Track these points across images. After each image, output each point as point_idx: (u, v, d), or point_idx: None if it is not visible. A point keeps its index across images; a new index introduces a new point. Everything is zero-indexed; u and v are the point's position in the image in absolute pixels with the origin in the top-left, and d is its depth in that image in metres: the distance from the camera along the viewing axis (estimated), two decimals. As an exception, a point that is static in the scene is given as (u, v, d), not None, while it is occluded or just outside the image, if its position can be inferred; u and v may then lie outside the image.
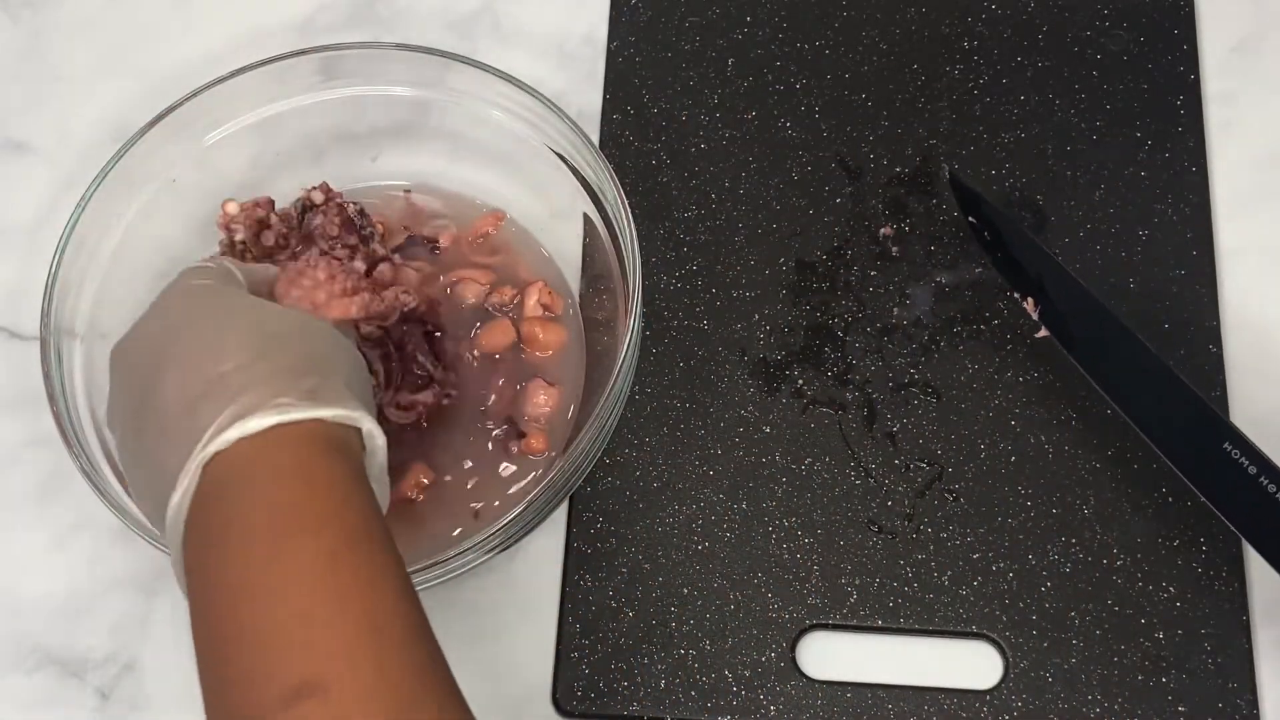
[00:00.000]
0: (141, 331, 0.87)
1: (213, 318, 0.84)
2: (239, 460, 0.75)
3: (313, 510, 0.74)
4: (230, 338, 0.81)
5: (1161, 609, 1.04)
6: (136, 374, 0.83)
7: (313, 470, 0.76)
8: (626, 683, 1.04)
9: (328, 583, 0.71)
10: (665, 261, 1.16)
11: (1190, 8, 1.24)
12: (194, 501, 0.75)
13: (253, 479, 0.74)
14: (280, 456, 0.75)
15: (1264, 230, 1.16)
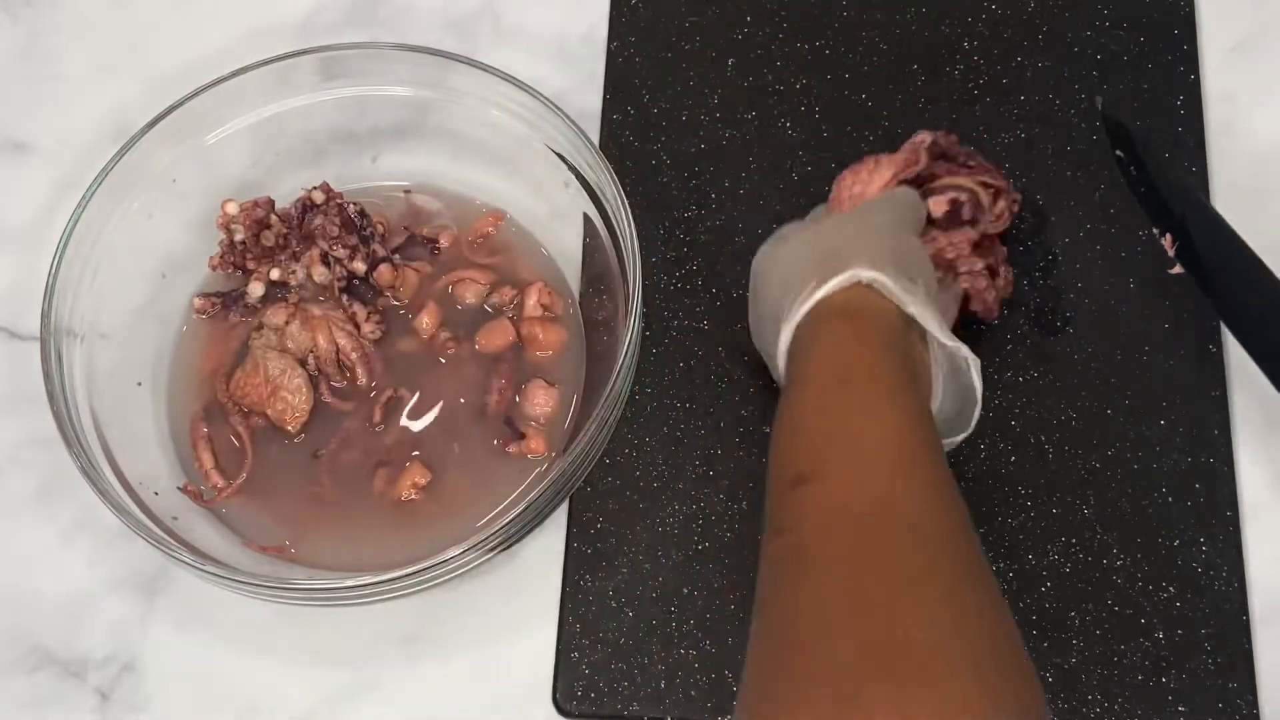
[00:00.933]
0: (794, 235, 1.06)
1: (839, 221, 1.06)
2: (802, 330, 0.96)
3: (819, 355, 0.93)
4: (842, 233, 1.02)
5: (1161, 609, 1.04)
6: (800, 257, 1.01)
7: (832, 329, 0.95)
8: (626, 682, 1.04)
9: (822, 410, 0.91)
10: (665, 261, 1.16)
11: (1190, 8, 1.24)
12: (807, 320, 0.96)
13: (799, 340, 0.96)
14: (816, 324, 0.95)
15: (1264, 230, 1.15)
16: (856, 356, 0.92)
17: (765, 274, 1.04)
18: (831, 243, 1.00)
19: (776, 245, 1.06)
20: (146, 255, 1.12)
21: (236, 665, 1.07)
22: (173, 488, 1.07)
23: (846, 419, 0.89)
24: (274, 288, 1.12)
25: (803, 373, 0.93)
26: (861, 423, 0.88)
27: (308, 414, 1.09)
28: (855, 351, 0.92)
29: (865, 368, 0.92)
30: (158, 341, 1.12)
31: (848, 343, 0.93)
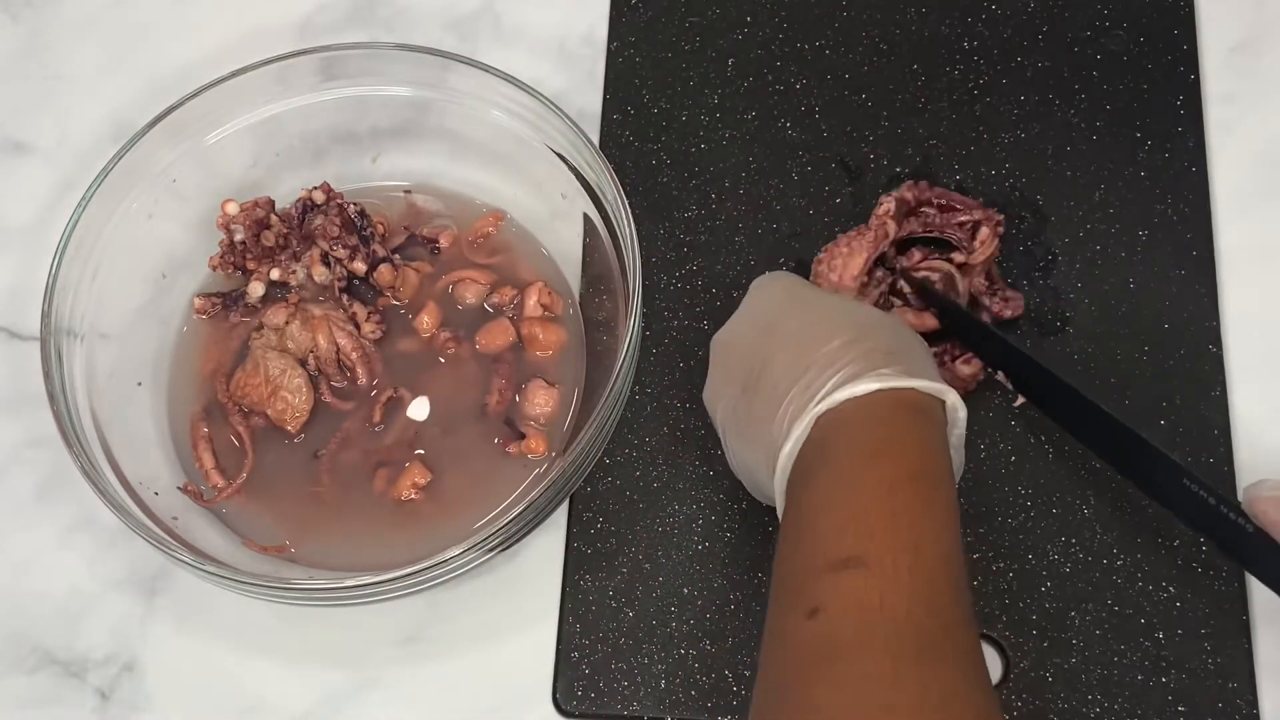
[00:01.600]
0: (743, 325, 1.03)
1: (813, 308, 1.00)
2: (841, 415, 0.90)
3: (882, 447, 0.88)
4: (833, 322, 0.96)
5: (1161, 609, 1.04)
6: (745, 358, 0.99)
7: (896, 420, 0.90)
8: (626, 682, 1.04)
9: (886, 498, 0.85)
10: (665, 262, 1.16)
11: (1190, 8, 1.24)
12: (800, 453, 0.91)
13: (849, 425, 0.90)
14: (874, 411, 0.90)
15: (1264, 230, 1.16)
16: (909, 443, 0.89)
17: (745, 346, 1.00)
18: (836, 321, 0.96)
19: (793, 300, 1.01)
20: (146, 255, 1.12)
21: (236, 665, 1.07)
22: (173, 488, 1.07)
23: (902, 507, 0.85)
24: (274, 288, 1.12)
25: (848, 445, 0.89)
26: (916, 514, 0.85)
27: (308, 414, 1.09)
28: (908, 438, 0.89)
29: (919, 455, 0.89)
30: (158, 341, 1.12)
31: (901, 428, 0.90)
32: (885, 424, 0.89)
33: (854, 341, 0.92)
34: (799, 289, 1.03)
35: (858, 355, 0.91)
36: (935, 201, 1.13)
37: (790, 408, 0.92)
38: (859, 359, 0.91)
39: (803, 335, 0.95)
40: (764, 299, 1.03)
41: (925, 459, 0.88)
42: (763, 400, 0.95)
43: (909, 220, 1.12)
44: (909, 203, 1.12)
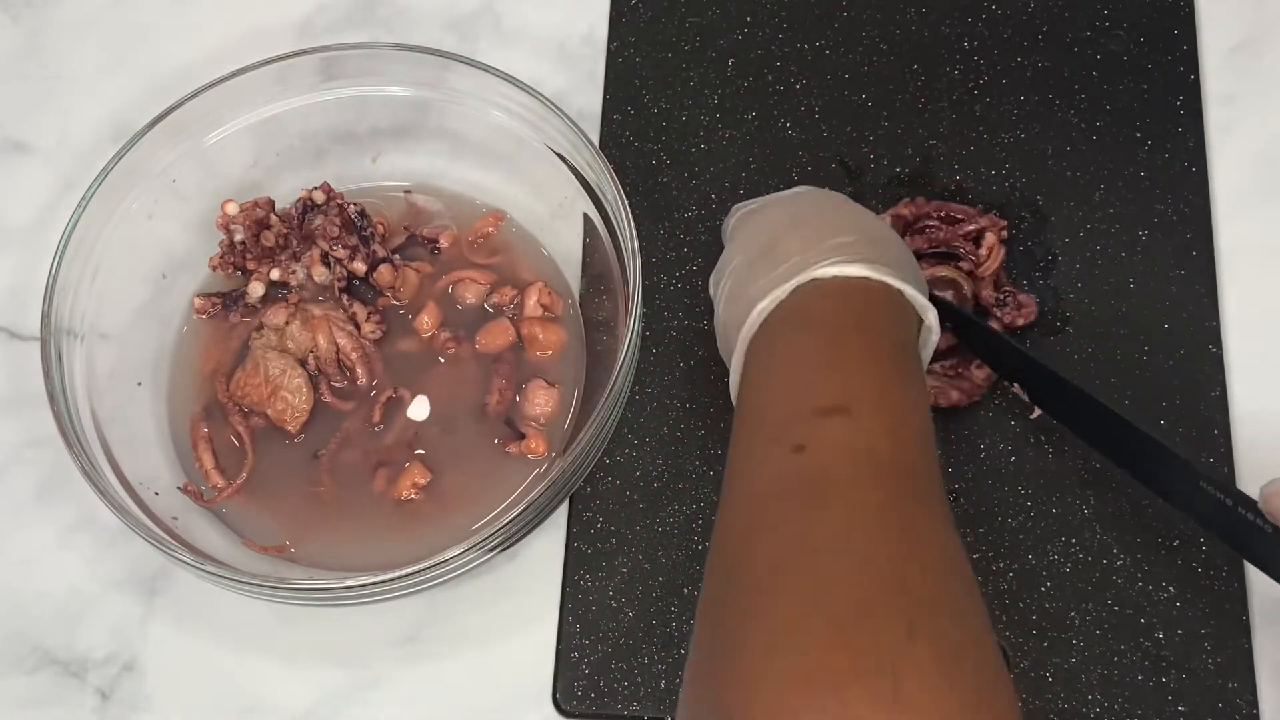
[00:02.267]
0: (774, 205, 1.07)
1: (838, 208, 1.04)
2: (832, 286, 0.94)
3: (864, 322, 0.94)
4: (850, 224, 0.99)
5: (1161, 609, 1.04)
6: (763, 231, 1.02)
7: (882, 305, 0.95)
8: (626, 682, 1.04)
9: (870, 361, 0.91)
10: (665, 262, 1.16)
11: (1190, 8, 1.24)
12: (777, 309, 0.95)
13: (839, 296, 0.94)
14: (864, 293, 0.94)
15: (1264, 230, 1.16)
16: (892, 323, 0.95)
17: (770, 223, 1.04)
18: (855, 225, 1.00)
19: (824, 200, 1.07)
20: (146, 255, 1.12)
21: (236, 665, 1.07)
22: (173, 488, 1.07)
23: (884, 371, 0.91)
24: (274, 288, 1.12)
25: (834, 313, 0.94)
26: (897, 379, 0.91)
27: (308, 414, 1.09)
28: (891, 319, 0.95)
29: (900, 334, 0.94)
30: (158, 341, 1.13)
31: (884, 312, 0.94)
32: (872, 305, 0.95)
33: (860, 241, 0.97)
34: (831, 196, 1.09)
35: (860, 252, 0.95)
36: (934, 214, 1.13)
37: (784, 272, 0.95)
38: (862, 252, 0.95)
39: (821, 223, 0.99)
40: (799, 197, 1.08)
41: (905, 343, 0.95)
42: (762, 266, 0.98)
43: (914, 237, 1.12)
44: (907, 219, 1.13)
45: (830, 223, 0.99)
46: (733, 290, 1.00)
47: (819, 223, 0.99)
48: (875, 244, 0.97)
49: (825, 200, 1.07)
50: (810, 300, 0.94)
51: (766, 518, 0.83)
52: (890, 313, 0.95)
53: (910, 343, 0.96)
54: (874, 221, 1.03)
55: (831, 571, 0.78)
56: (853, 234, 0.97)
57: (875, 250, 0.96)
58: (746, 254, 1.01)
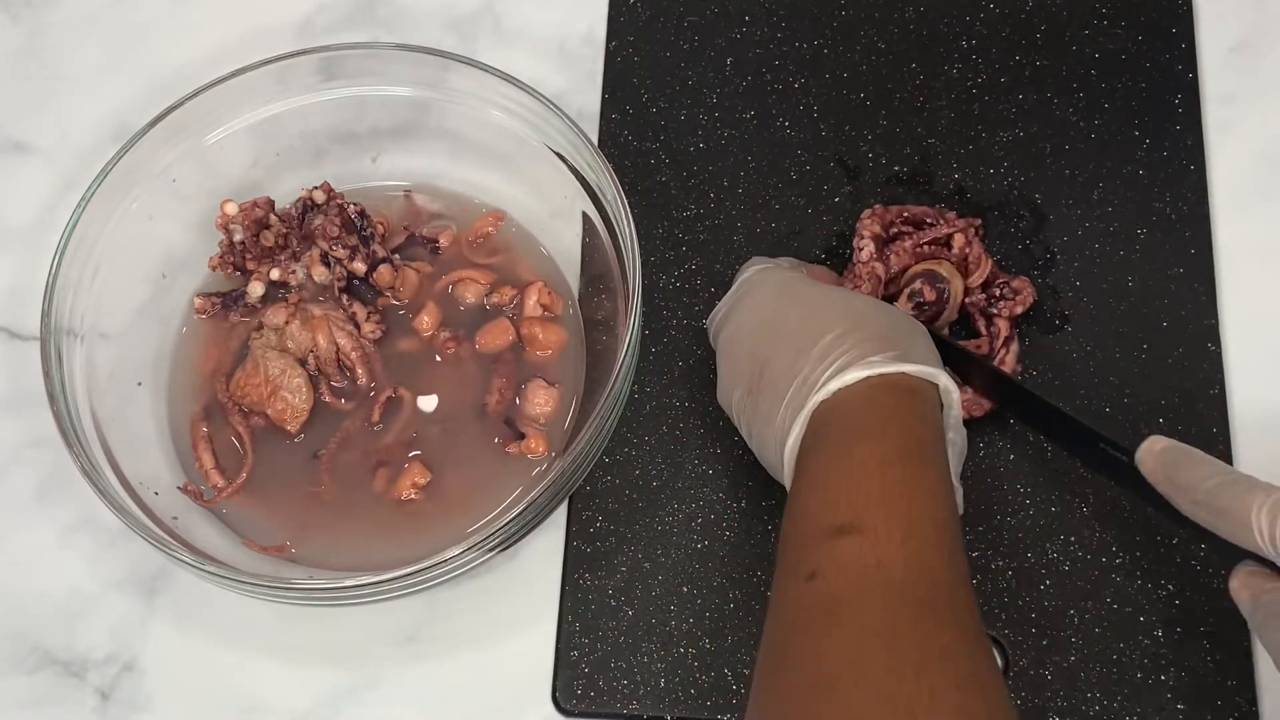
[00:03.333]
0: (744, 321, 1.04)
1: (809, 303, 1.01)
2: (835, 402, 0.93)
3: (875, 426, 0.91)
4: (827, 316, 0.98)
5: (1160, 607, 1.05)
6: (747, 358, 1.01)
7: (886, 402, 0.93)
8: (626, 681, 1.04)
9: (877, 472, 0.88)
10: (664, 261, 1.17)
11: (1189, 7, 1.24)
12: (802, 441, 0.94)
13: (841, 410, 0.93)
14: (866, 395, 0.93)
15: (1263, 229, 1.17)
16: (900, 422, 0.92)
17: (747, 343, 1.02)
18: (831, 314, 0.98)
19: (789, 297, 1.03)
20: (146, 255, 1.12)
21: (236, 665, 1.07)
22: (173, 488, 1.07)
23: (894, 480, 0.88)
24: (274, 288, 1.12)
25: (841, 427, 0.92)
26: (908, 486, 0.88)
27: (308, 414, 1.09)
28: (899, 417, 0.92)
29: (910, 433, 0.92)
30: (158, 341, 1.13)
31: (891, 408, 0.93)
32: (875, 406, 0.92)
33: (846, 333, 0.95)
34: (794, 285, 1.05)
35: (850, 346, 0.94)
36: (898, 219, 1.13)
37: (791, 403, 0.94)
38: (851, 349, 0.94)
39: (798, 332, 0.97)
40: (763, 295, 1.05)
41: (914, 436, 0.92)
42: (766, 399, 0.97)
43: (896, 254, 1.11)
44: (882, 236, 1.12)
45: (806, 324, 0.98)
46: (752, 428, 1.00)
47: (795, 327, 0.99)
48: (860, 327, 0.96)
49: (786, 291, 1.05)
50: (823, 419, 0.93)
51: (787, 654, 0.84)
52: (902, 402, 0.93)
53: (929, 426, 0.94)
54: (842, 298, 1.02)
55: (845, 699, 0.78)
56: (835, 326, 0.96)
57: (863, 336, 0.95)
58: (744, 385, 1.00)
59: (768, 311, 1.03)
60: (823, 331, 0.96)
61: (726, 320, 1.05)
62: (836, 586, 0.83)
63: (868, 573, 0.83)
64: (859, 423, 0.92)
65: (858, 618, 0.81)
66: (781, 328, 1.00)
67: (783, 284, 1.05)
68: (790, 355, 0.96)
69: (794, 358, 0.96)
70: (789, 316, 1.00)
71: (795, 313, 1.00)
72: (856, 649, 0.80)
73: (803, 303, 1.01)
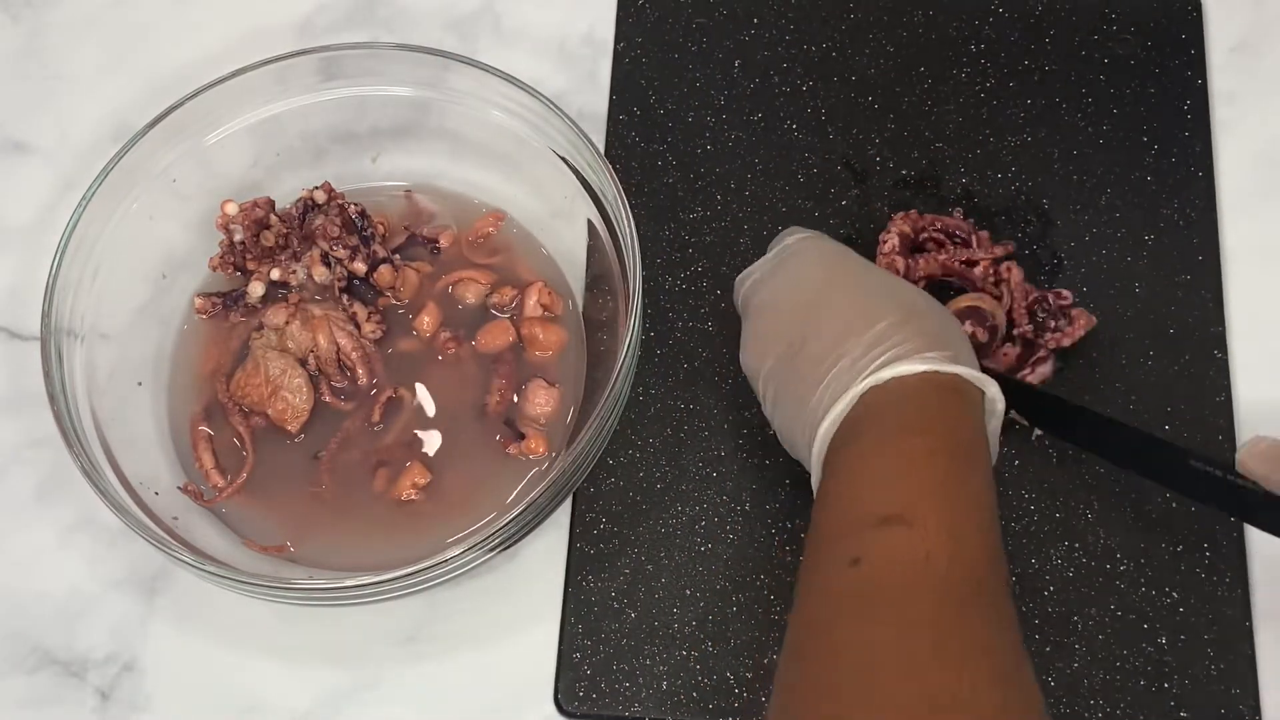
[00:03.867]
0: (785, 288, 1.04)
1: (861, 284, 1.02)
2: (886, 391, 0.93)
3: (925, 421, 0.92)
4: (881, 301, 0.98)
5: (1164, 614, 1.06)
6: (788, 326, 1.01)
7: (941, 399, 0.93)
8: (628, 683, 1.05)
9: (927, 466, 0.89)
10: (670, 263, 1.18)
11: (1198, 13, 1.25)
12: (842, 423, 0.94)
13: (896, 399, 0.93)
14: (920, 389, 0.93)
15: (1265, 230, 1.18)
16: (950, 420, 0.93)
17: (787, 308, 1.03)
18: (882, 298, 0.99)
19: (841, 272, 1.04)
20: (146, 255, 1.13)
21: (236, 665, 1.08)
22: (173, 488, 1.08)
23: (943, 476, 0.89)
24: (274, 288, 1.13)
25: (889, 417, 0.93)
26: (957, 484, 0.89)
27: (308, 414, 1.10)
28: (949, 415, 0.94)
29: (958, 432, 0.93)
30: (158, 341, 1.14)
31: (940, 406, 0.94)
32: (931, 400, 0.93)
33: (901, 323, 0.96)
34: (845, 259, 1.05)
35: (905, 337, 0.95)
36: (935, 225, 1.15)
37: (833, 383, 0.95)
38: (905, 340, 0.95)
39: (850, 311, 0.98)
40: (808, 264, 1.05)
41: (966, 436, 0.93)
42: (804, 372, 0.98)
43: (924, 260, 1.13)
44: (910, 236, 1.14)
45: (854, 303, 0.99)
46: (780, 400, 1.01)
47: (844, 305, 0.99)
48: (916, 319, 0.97)
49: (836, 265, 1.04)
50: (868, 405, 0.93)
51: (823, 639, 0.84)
52: (953, 402, 0.94)
53: (976, 429, 0.94)
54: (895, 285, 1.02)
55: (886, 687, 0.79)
56: (890, 313, 0.96)
57: (918, 329, 0.96)
58: (777, 351, 1.01)
59: (814, 283, 1.03)
60: (876, 316, 0.96)
61: (762, 284, 1.06)
62: (883, 575, 0.84)
63: (916, 564, 0.84)
64: (909, 415, 0.93)
65: (904, 608, 0.82)
66: (830, 303, 1.00)
67: (831, 257, 1.06)
68: (837, 333, 0.97)
69: (840, 337, 0.96)
70: (838, 293, 1.01)
71: (846, 290, 1.01)
72: (901, 638, 0.81)
73: (855, 282, 1.02)
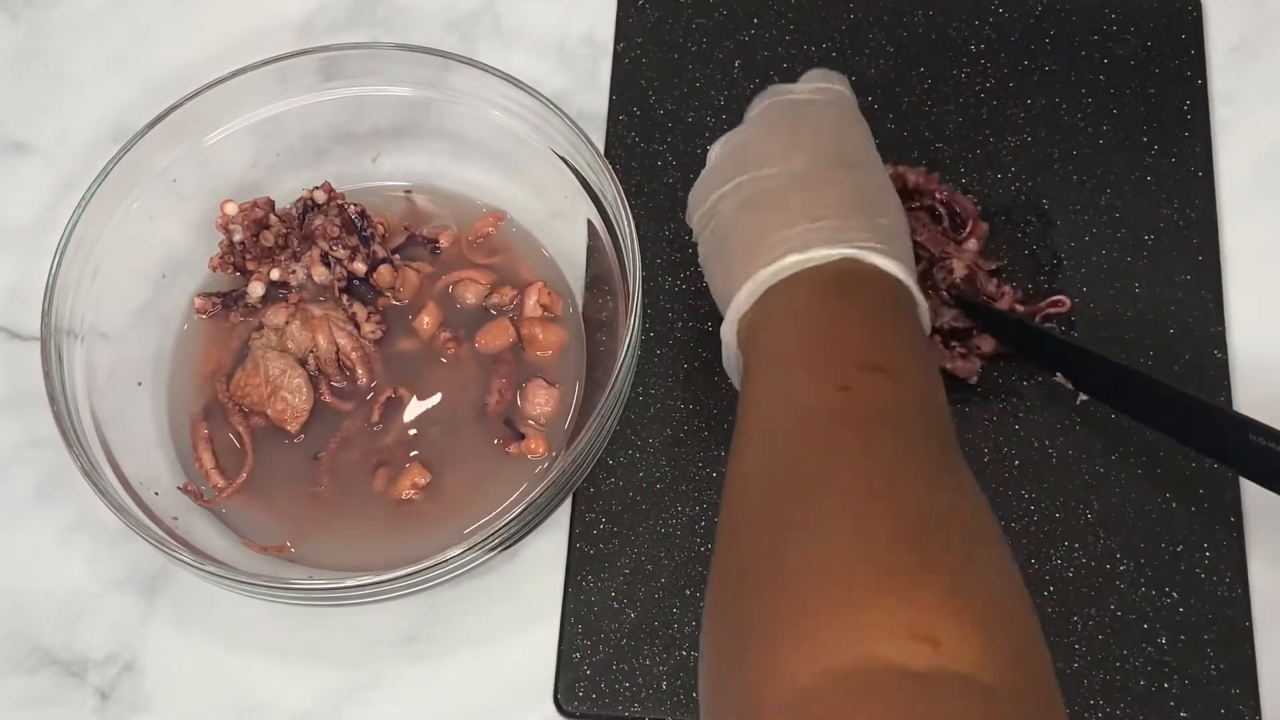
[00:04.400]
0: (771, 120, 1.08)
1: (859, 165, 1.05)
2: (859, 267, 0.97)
3: (895, 297, 0.97)
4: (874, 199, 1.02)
5: (1164, 614, 1.07)
6: (760, 152, 1.05)
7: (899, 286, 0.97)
8: (628, 684, 1.06)
9: (899, 334, 0.95)
10: (670, 263, 1.18)
11: (1198, 13, 1.26)
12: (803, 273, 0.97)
13: (865, 274, 0.97)
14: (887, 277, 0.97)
15: (1265, 229, 1.19)
16: (908, 302, 0.98)
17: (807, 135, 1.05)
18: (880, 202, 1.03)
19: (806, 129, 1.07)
20: (146, 255, 1.14)
21: (236, 665, 1.09)
22: (173, 488, 1.08)
23: (912, 342, 0.95)
24: (274, 288, 1.14)
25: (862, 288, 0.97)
26: (922, 351, 0.96)
27: (308, 414, 1.11)
28: (908, 296, 0.98)
29: (916, 315, 0.98)
30: (158, 341, 1.14)
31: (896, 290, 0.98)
32: (897, 295, 0.97)
33: (893, 230, 1.00)
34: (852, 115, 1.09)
35: (893, 243, 0.99)
36: (937, 195, 1.17)
37: (815, 227, 0.98)
38: (894, 247, 0.99)
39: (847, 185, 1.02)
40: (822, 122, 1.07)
41: (910, 312, 0.98)
42: (780, 214, 1.00)
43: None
44: (901, 178, 1.17)
45: (855, 188, 1.01)
46: (728, 230, 1.03)
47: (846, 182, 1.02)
48: (899, 235, 1.01)
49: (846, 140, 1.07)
50: (844, 269, 0.96)
51: (813, 437, 0.87)
52: (905, 292, 0.98)
53: (915, 317, 0.99)
54: (891, 195, 1.05)
55: (891, 485, 0.82)
56: (882, 215, 1.00)
57: (882, 221, 0.99)
58: (737, 181, 1.04)
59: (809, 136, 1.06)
60: (870, 208, 1.00)
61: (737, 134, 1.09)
62: (869, 408, 0.87)
63: (899, 406, 0.88)
64: (886, 293, 0.97)
65: (899, 431, 0.86)
66: (819, 148, 1.04)
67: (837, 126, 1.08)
68: (808, 181, 1.01)
69: (813, 188, 1.01)
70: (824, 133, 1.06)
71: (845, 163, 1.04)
72: (903, 451, 0.85)
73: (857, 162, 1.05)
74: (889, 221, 1.01)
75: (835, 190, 1.01)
